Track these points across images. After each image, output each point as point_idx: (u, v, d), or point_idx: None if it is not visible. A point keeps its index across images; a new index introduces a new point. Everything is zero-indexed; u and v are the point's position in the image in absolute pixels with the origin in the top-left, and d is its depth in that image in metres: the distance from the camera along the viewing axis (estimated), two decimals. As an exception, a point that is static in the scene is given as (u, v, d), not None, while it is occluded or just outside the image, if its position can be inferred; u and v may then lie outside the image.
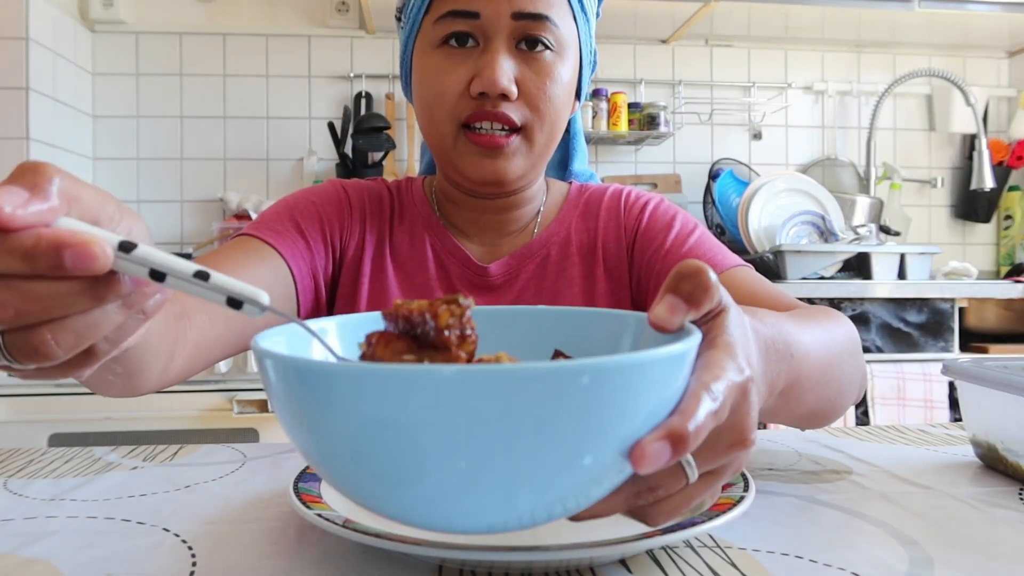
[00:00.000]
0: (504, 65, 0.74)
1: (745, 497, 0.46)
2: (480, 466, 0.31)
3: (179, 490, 0.57)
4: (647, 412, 0.33)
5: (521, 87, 0.75)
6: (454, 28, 0.75)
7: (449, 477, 0.32)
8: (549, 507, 0.34)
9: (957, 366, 0.63)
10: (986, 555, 0.43)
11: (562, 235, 0.88)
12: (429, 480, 0.32)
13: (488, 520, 0.35)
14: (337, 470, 0.35)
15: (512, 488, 0.32)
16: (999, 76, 2.81)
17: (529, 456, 0.31)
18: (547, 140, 0.79)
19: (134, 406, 1.72)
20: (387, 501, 0.35)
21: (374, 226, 0.86)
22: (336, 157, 2.40)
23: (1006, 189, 2.70)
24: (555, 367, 0.30)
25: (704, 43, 2.67)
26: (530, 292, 0.85)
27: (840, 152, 2.72)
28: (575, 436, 0.32)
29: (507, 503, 0.33)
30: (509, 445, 0.31)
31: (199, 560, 0.43)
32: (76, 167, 2.31)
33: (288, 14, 2.48)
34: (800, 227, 2.21)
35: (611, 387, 0.31)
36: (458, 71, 0.75)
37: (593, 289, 0.85)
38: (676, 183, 2.61)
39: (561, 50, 0.77)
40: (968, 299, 2.05)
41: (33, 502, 0.53)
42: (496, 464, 0.31)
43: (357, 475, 0.34)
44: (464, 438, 0.30)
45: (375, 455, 0.32)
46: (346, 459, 0.34)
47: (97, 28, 2.39)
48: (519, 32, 0.75)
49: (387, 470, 0.32)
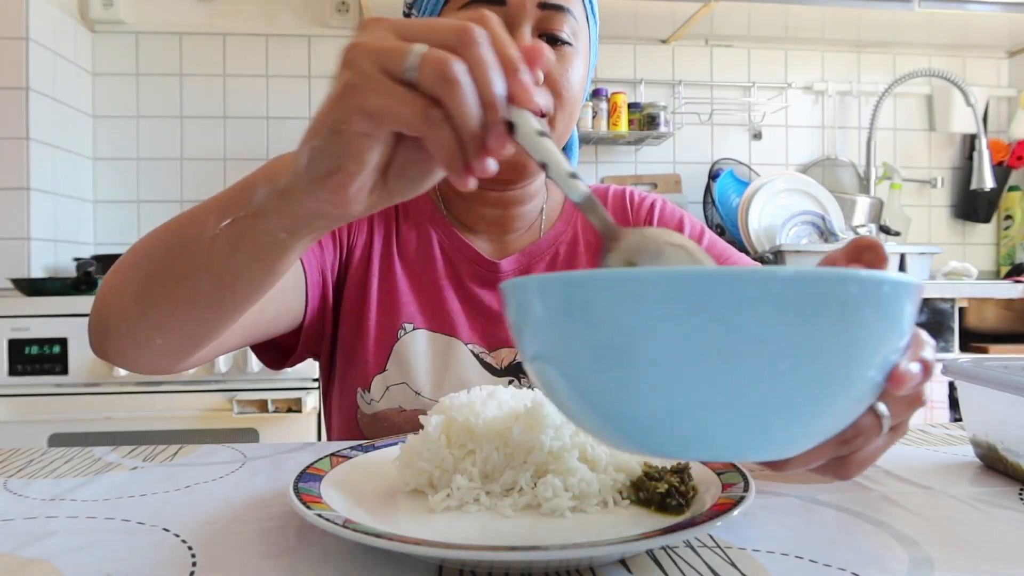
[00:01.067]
0: None
1: (745, 497, 0.46)
2: (744, 377, 0.31)
3: (179, 490, 0.57)
4: (901, 333, 0.33)
5: (546, 76, 0.76)
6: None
7: (708, 391, 0.31)
8: (803, 428, 0.34)
9: (957, 366, 0.63)
10: (986, 555, 0.43)
11: (570, 234, 0.89)
12: (692, 394, 0.32)
13: (741, 441, 0.34)
14: (595, 388, 0.35)
15: (775, 404, 0.32)
16: (999, 76, 2.81)
17: (799, 365, 0.31)
18: (564, 130, 0.80)
19: (134, 406, 1.72)
20: (642, 419, 0.34)
21: (381, 223, 0.87)
22: (336, 157, 2.40)
23: (1006, 189, 2.70)
24: (829, 272, 0.30)
25: (704, 43, 2.67)
26: None
27: (840, 152, 2.72)
28: (842, 350, 0.31)
29: (766, 422, 0.33)
30: (782, 352, 0.31)
31: (199, 560, 0.43)
32: (76, 167, 2.31)
33: (288, 14, 2.48)
34: (800, 227, 2.21)
35: (879, 301, 0.32)
36: None
37: None
38: (676, 183, 2.61)
39: (577, 44, 0.78)
40: (968, 299, 2.05)
41: (33, 502, 0.53)
42: (762, 376, 0.31)
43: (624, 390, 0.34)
44: (733, 344, 0.30)
45: (637, 363, 0.32)
46: (607, 367, 0.33)
47: (97, 28, 2.39)
48: (543, 23, 0.76)
49: (652, 381, 0.32)
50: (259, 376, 1.75)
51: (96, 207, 2.41)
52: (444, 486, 0.51)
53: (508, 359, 0.84)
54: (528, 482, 0.50)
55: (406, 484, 0.52)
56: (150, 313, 0.54)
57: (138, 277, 0.55)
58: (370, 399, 0.82)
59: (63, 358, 1.71)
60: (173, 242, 0.53)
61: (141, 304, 0.55)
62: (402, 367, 0.81)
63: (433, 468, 0.51)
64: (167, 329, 0.55)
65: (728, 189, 2.46)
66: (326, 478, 0.52)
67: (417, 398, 0.81)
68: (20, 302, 1.73)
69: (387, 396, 0.81)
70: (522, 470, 0.51)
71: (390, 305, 0.83)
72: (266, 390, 1.75)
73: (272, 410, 1.73)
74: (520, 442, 0.51)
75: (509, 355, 0.85)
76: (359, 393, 0.82)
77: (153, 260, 0.54)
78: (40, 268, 2.10)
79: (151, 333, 0.56)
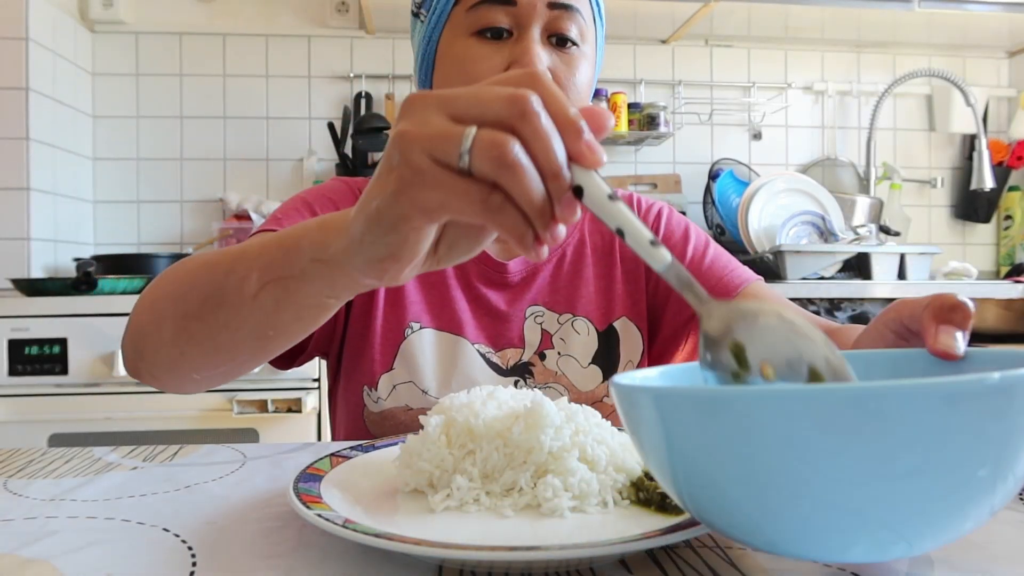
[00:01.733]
0: (541, 52, 0.75)
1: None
2: (907, 488, 0.31)
3: (179, 490, 0.57)
4: None
5: (554, 77, 0.76)
6: (491, 15, 0.75)
7: (865, 502, 0.32)
8: (952, 531, 0.34)
9: (957, 366, 0.63)
10: (986, 555, 0.43)
11: (576, 236, 0.90)
12: (847, 504, 0.32)
13: (890, 545, 0.34)
14: (731, 498, 0.35)
15: (933, 513, 0.32)
16: (999, 76, 2.81)
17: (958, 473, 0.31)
18: None
19: (134, 406, 1.72)
20: (780, 528, 0.35)
21: None
22: (336, 157, 2.40)
23: (1006, 189, 2.70)
24: (984, 379, 0.30)
25: (704, 43, 2.67)
26: (546, 292, 0.87)
27: (840, 152, 2.72)
28: (1002, 455, 0.32)
29: (922, 530, 0.33)
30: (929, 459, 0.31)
31: (199, 560, 0.43)
32: (76, 167, 2.31)
33: (288, 14, 2.48)
34: (800, 227, 2.21)
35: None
36: (494, 58, 0.75)
37: (611, 291, 0.88)
38: (676, 183, 2.61)
39: (584, 46, 0.78)
40: (968, 299, 2.04)
41: (33, 502, 0.53)
42: (927, 487, 0.31)
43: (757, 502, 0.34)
44: (883, 455, 0.30)
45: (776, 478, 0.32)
46: (743, 485, 0.34)
47: (97, 28, 2.39)
48: (552, 24, 0.75)
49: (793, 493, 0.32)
50: (259, 376, 1.75)
51: (96, 207, 2.41)
52: (444, 486, 0.51)
53: (514, 359, 0.85)
54: (528, 482, 0.50)
55: (406, 484, 0.52)
56: (189, 352, 0.56)
57: (176, 315, 0.56)
58: (377, 397, 0.82)
59: (63, 358, 1.71)
60: (211, 291, 0.53)
61: (180, 343, 0.56)
62: (409, 366, 0.82)
63: (433, 468, 0.51)
64: (206, 368, 0.57)
65: (728, 189, 2.46)
66: (326, 478, 0.53)
67: (424, 396, 0.81)
68: (20, 302, 1.73)
69: (394, 395, 0.82)
70: (522, 470, 0.51)
71: (397, 304, 0.83)
72: (266, 390, 1.75)
73: (272, 410, 1.73)
74: (520, 442, 0.51)
75: (515, 355, 0.85)
76: (366, 391, 0.82)
77: (191, 303, 0.55)
78: (40, 268, 2.10)
79: (189, 370, 0.57)
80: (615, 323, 0.87)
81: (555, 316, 0.86)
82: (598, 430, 0.54)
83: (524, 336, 0.85)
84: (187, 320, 0.54)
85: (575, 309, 0.86)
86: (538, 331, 0.86)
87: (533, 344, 0.85)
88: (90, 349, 1.72)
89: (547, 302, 0.87)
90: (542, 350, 0.85)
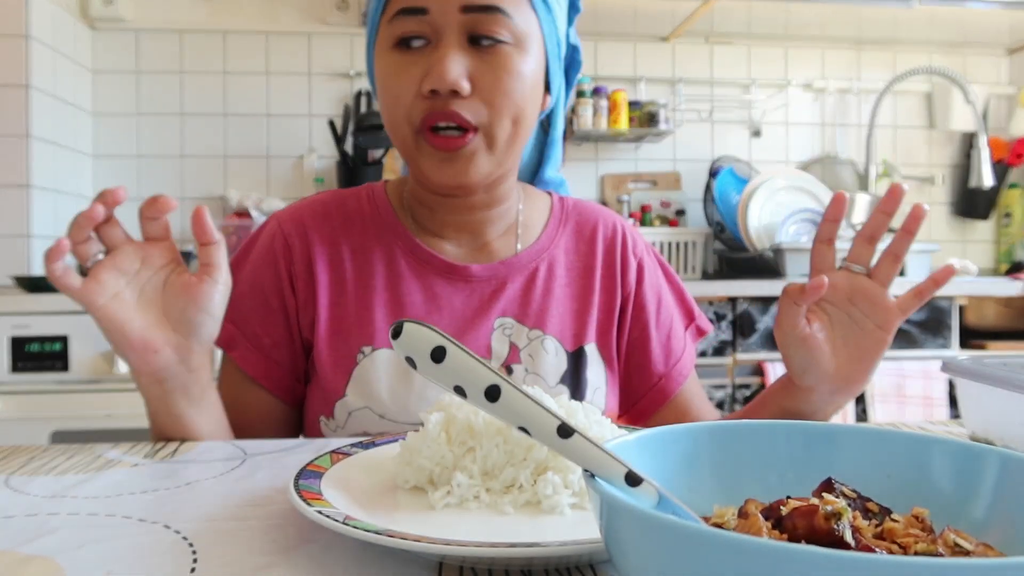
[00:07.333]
0: (454, 60, 0.72)
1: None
2: None
3: (180, 487, 0.57)
4: None
5: (475, 83, 0.73)
6: (405, 27, 0.73)
7: None
8: None
9: (956, 364, 0.63)
10: (984, 552, 0.43)
11: (552, 252, 0.87)
12: None
13: None
14: None
15: None
16: (999, 73, 2.81)
17: None
18: (510, 137, 0.76)
19: (135, 403, 1.71)
20: None
21: (323, 253, 0.83)
22: (336, 155, 2.40)
23: (1005, 187, 2.70)
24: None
25: (704, 40, 2.66)
26: (516, 306, 0.84)
27: (840, 149, 2.72)
28: None
29: None
30: None
31: (200, 557, 0.43)
32: (76, 164, 2.31)
33: (288, 12, 2.48)
34: (800, 224, 2.22)
35: None
36: (411, 71, 0.74)
37: (585, 314, 0.85)
38: (676, 181, 2.62)
39: (519, 43, 0.74)
40: (967, 296, 2.05)
41: (35, 499, 0.54)
42: None
43: None
44: None
45: None
46: None
47: (97, 25, 2.39)
48: (470, 27, 0.73)
49: None
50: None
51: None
52: (444, 483, 0.51)
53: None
54: (528, 479, 0.51)
55: (406, 481, 0.52)
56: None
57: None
58: (335, 427, 0.79)
59: (64, 355, 1.71)
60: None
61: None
62: (362, 392, 0.78)
63: (433, 465, 0.52)
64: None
65: (728, 186, 2.46)
66: (327, 475, 0.53)
67: (381, 421, 0.78)
68: (21, 299, 1.74)
69: (351, 422, 0.79)
70: (522, 467, 0.51)
71: (342, 332, 0.81)
72: (266, 387, 1.75)
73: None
74: (520, 439, 0.52)
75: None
76: (323, 421, 0.80)
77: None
78: (41, 265, 2.09)
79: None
80: (585, 347, 0.84)
81: (524, 330, 0.83)
82: (598, 428, 0.54)
83: (491, 347, 0.82)
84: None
85: (545, 327, 0.83)
86: (506, 343, 0.82)
87: (500, 356, 0.82)
88: (91, 346, 1.72)
89: (516, 314, 0.83)
90: (509, 363, 0.82)
